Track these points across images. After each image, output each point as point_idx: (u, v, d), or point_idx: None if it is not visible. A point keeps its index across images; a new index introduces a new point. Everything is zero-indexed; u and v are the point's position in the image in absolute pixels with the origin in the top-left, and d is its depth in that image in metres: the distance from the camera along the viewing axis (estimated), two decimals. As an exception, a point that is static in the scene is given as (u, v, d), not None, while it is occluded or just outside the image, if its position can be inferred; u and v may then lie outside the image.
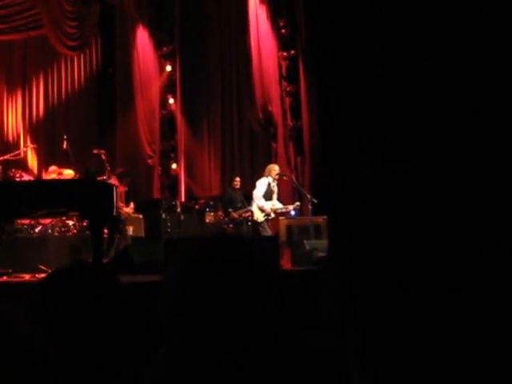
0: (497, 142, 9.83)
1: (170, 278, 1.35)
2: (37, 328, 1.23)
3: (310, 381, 1.32)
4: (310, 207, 11.34)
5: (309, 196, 11.47)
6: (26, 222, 11.26)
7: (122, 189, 11.63)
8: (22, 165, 13.39)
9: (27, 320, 1.24)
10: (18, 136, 16.02)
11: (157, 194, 15.21)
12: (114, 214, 8.29)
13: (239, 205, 12.08)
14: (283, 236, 11.18)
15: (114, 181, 11.07)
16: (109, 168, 11.65)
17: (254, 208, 11.52)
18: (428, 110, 10.62)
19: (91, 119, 16.22)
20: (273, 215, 11.55)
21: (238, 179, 12.38)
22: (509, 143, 9.61)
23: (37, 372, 1.17)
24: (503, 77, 10.18)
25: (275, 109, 13.51)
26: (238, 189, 12.33)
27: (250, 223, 11.85)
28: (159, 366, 1.34)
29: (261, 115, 13.59)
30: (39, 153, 15.19)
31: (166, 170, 15.59)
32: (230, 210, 12.08)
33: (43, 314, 1.60)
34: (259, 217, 11.47)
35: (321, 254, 9.29)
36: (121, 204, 11.26)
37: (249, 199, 12.03)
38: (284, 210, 11.69)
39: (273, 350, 1.28)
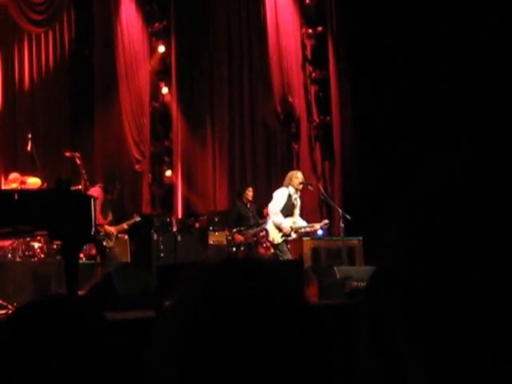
0: None
1: (170, 315, 1.35)
2: None
3: None
4: (341, 225, 11.33)
5: (340, 211, 11.45)
6: (-19, 244, 11.30)
7: (108, 198, 11.55)
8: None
9: None
10: (-29, 135, 16.09)
11: (146, 209, 15.25)
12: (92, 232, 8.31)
13: (252, 222, 12.09)
14: (308, 261, 11.18)
15: (96, 190, 11.06)
16: (85, 175, 11.66)
17: (270, 226, 11.50)
18: (485, 104, 10.59)
19: (62, 114, 16.30)
20: (294, 235, 11.53)
21: (250, 190, 12.39)
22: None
23: None
24: None
25: (297, 100, 13.55)
26: (251, 202, 12.33)
27: (264, 245, 11.85)
28: None
29: (279, 108, 13.63)
30: (-3, 156, 15.26)
31: (159, 178, 15.64)
32: (236, 229, 12.09)
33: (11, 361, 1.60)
34: (276, 237, 11.46)
35: (355, 284, 9.29)
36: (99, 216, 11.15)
37: (263, 215, 12.05)
38: (309, 229, 11.69)
39: None
